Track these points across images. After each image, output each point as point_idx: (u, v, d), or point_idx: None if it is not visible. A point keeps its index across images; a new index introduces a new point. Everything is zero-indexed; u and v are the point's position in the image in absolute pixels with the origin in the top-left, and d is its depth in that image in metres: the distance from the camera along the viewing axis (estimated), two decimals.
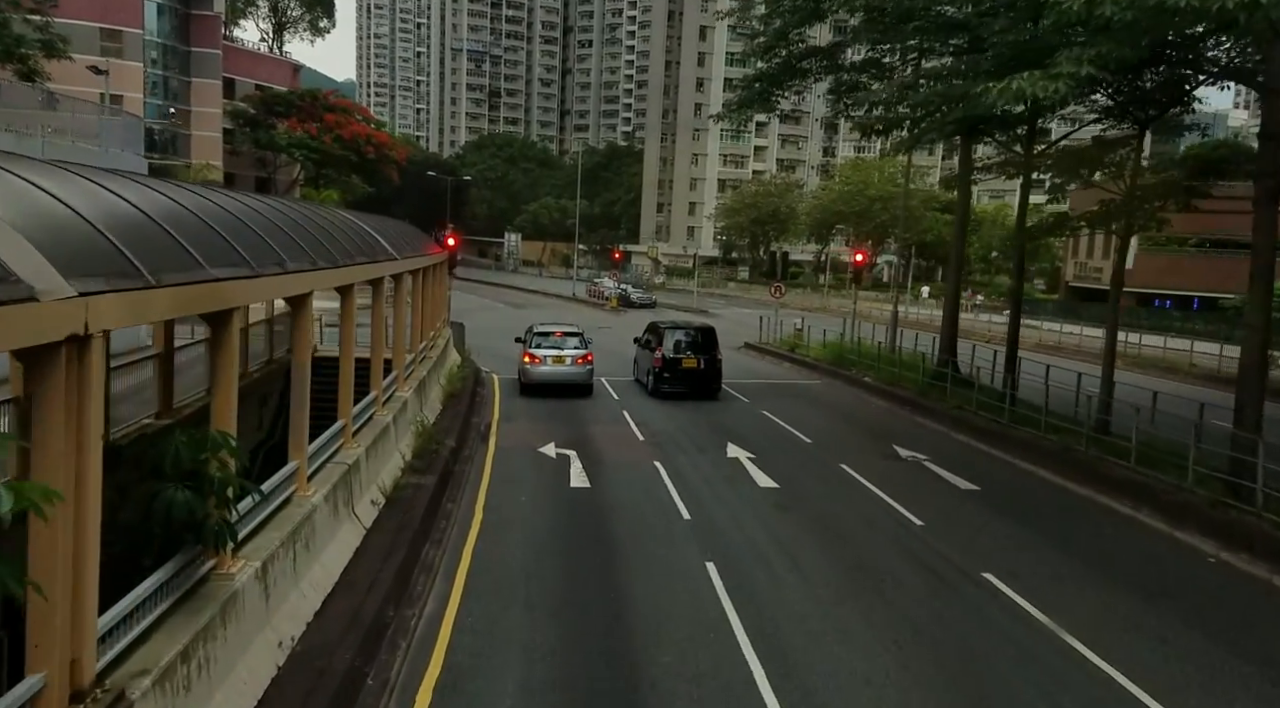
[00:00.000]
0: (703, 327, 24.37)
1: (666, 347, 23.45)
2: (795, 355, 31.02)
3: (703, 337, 23.86)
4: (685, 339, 23.80)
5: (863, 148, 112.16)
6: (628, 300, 60.40)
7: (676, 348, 23.54)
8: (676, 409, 21.93)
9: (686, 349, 23.51)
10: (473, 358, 28.46)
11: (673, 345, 23.54)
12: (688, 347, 23.60)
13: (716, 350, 23.61)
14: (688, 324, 25.00)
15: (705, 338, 23.81)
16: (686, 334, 23.94)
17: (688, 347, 23.60)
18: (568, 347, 23.45)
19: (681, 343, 23.67)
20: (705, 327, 24.35)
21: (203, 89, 60.45)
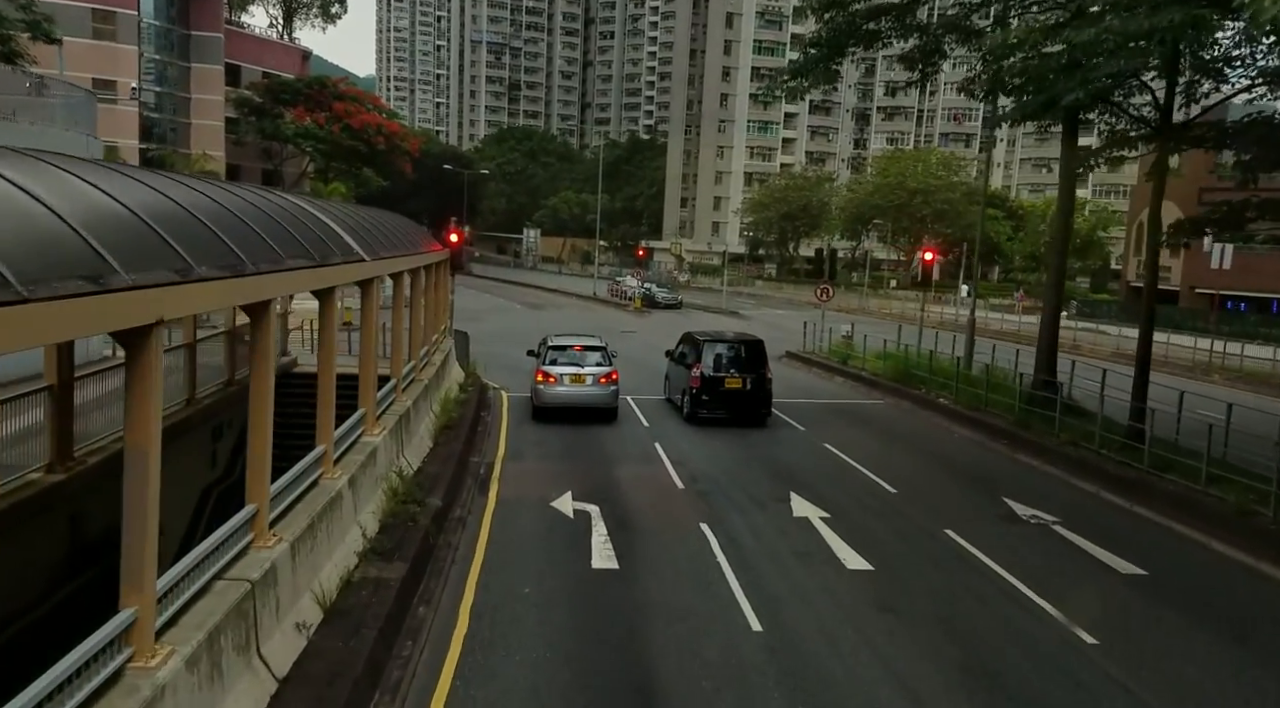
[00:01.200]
0: (748, 339, 20.52)
1: (705, 363, 19.65)
2: (849, 369, 27.12)
3: (748, 351, 20.04)
4: (728, 354, 19.99)
5: (896, 139, 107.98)
6: (652, 301, 56.60)
7: (717, 365, 19.73)
8: (719, 440, 18.15)
9: (729, 367, 19.71)
10: (480, 371, 24.78)
11: (713, 362, 19.73)
12: (730, 363, 19.79)
13: (765, 368, 19.79)
14: (730, 335, 21.14)
15: (751, 353, 19.98)
16: (729, 348, 20.13)
17: (730, 363, 19.79)
18: (588, 363, 19.71)
19: (723, 359, 19.86)
20: (751, 339, 20.50)
21: (203, 75, 57.19)
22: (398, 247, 15.12)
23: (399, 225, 18.29)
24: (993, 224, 70.80)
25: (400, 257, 14.39)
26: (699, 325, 45.92)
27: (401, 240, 15.83)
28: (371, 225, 14.28)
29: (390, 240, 14.60)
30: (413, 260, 15.65)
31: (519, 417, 19.94)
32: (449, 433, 16.21)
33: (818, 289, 30.97)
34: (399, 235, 16.17)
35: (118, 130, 50.48)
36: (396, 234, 15.80)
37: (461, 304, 57.98)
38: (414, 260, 15.78)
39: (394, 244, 14.61)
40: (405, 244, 16.11)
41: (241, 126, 61.75)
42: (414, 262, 15.78)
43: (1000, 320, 48.52)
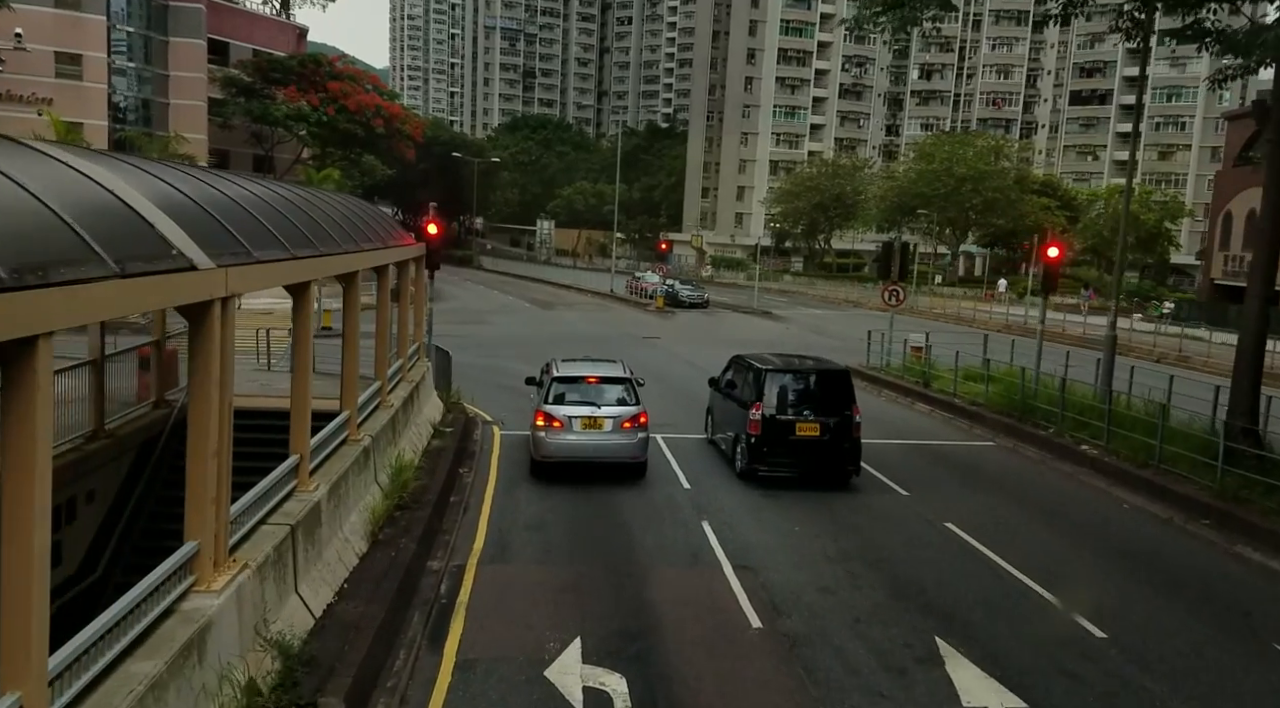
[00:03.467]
0: (827, 368, 14.99)
1: (769, 401, 14.19)
2: (933, 393, 21.57)
3: (827, 385, 14.58)
4: (799, 389, 14.53)
5: (930, 125, 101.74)
6: (675, 299, 51.07)
7: (785, 403, 14.28)
8: (795, 516, 12.73)
9: (802, 406, 14.25)
10: (466, 402, 19.48)
11: (779, 399, 14.28)
12: (803, 402, 14.34)
13: (851, 407, 14.30)
14: (799, 363, 15.59)
15: (832, 387, 14.52)
16: (801, 380, 14.66)
17: (803, 402, 14.34)
18: (607, 401, 14.31)
19: (793, 396, 14.41)
20: (831, 368, 14.98)
21: (183, 50, 52.02)
22: (333, 240, 9.80)
23: (348, 212, 12.94)
24: (1046, 215, 64.85)
25: (316, 256, 9.02)
26: (730, 331, 40.45)
27: (341, 232, 10.49)
28: (291, 210, 8.97)
29: (320, 232, 9.29)
30: (351, 259, 10.25)
31: (513, 473, 14.57)
32: (401, 517, 10.86)
33: (884, 289, 25.38)
34: (335, 224, 10.84)
35: (84, 109, 45.52)
36: (322, 223, 10.44)
37: (465, 302, 52.87)
38: (354, 258, 10.38)
39: (327, 237, 9.29)
40: (350, 236, 10.77)
41: (228, 108, 56.59)
42: (355, 261, 10.37)
43: (1074, 324, 42.71)
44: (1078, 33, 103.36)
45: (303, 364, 8.90)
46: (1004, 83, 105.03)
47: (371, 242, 12.44)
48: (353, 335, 10.93)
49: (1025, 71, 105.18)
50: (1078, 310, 47.32)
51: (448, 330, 35.71)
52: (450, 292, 57.39)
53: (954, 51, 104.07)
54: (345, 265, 10.34)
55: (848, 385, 14.46)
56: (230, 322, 6.71)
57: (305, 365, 8.90)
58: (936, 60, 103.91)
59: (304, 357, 8.93)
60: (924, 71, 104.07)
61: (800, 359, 16.00)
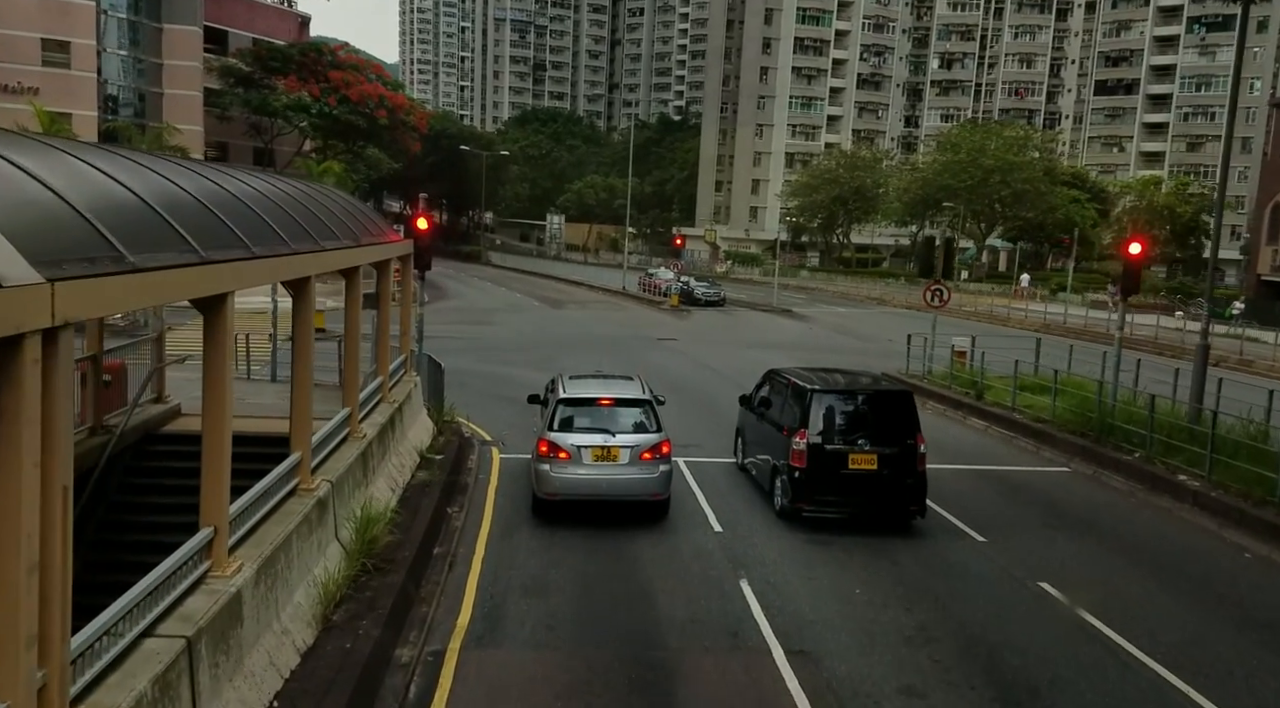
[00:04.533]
0: (885, 388, 12.67)
1: (816, 428, 11.89)
2: (988, 407, 19.17)
3: (886, 408, 12.27)
4: (851, 413, 12.22)
5: (951, 116, 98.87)
6: (691, 297, 48.72)
7: (836, 431, 11.98)
8: (854, 571, 10.45)
9: (857, 436, 11.93)
10: (462, 418, 17.28)
11: (828, 426, 11.98)
12: (857, 428, 12.03)
13: (915, 436, 11.99)
14: (850, 381, 13.26)
15: (891, 411, 12.21)
16: (852, 403, 12.34)
17: (857, 428, 12.03)
18: (623, 428, 12.04)
19: (845, 421, 12.10)
20: (891, 390, 12.65)
21: (177, 37, 49.92)
22: (270, 239, 7.58)
23: (309, 203, 10.71)
24: (1075, 207, 62.21)
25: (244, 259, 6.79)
26: (751, 331, 37.40)
27: (279, 225, 8.25)
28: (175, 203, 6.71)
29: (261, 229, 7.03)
30: (275, 267, 7.97)
31: (512, 511, 12.33)
32: (367, 584, 8.62)
33: (927, 289, 22.99)
34: (285, 217, 8.61)
35: (72, 98, 43.50)
36: (265, 215, 8.21)
37: (470, 300, 50.61)
38: (280, 266, 8.09)
39: (220, 237, 7.01)
40: (285, 232, 8.52)
41: (225, 98, 54.55)
42: (277, 270, 8.07)
43: (1098, 321, 40.18)
44: (1103, 20, 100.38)
45: (215, 398, 6.65)
46: (1027, 72, 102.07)
47: (337, 238, 10.19)
48: (305, 356, 8.69)
49: (1049, 60, 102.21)
50: (1104, 307, 44.76)
51: (449, 332, 33.48)
52: (455, 289, 55.21)
53: (975, 40, 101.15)
54: (289, 270, 8.09)
55: (910, 409, 12.13)
56: (62, 364, 4.45)
57: (220, 401, 6.65)
58: (957, 49, 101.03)
59: (218, 385, 6.67)
60: (944, 61, 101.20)
61: (848, 376, 13.67)
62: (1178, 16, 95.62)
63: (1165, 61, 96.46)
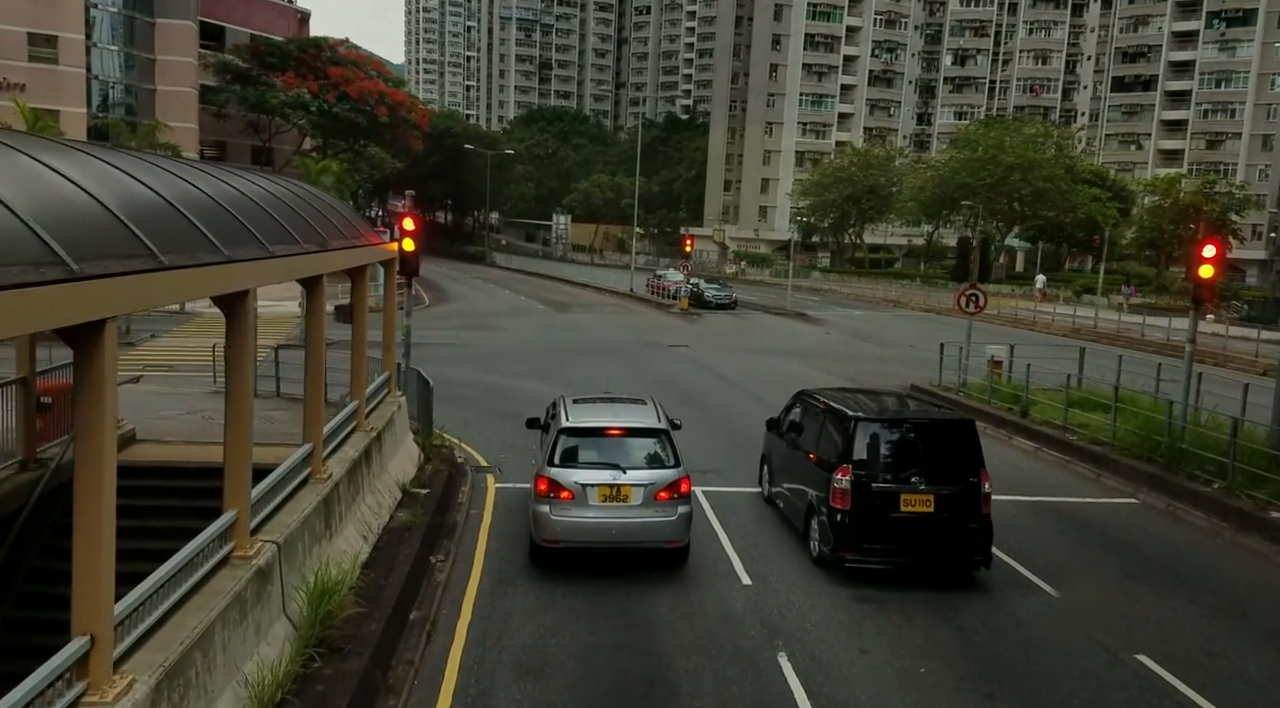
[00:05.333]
0: (943, 418, 10.84)
1: (860, 461, 10.15)
2: (1036, 425, 17.39)
3: (943, 441, 10.51)
4: (903, 446, 10.47)
5: (965, 113, 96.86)
6: (700, 299, 46.95)
7: (885, 466, 10.25)
8: (913, 641, 8.71)
9: (910, 472, 10.18)
10: (455, 440, 15.61)
11: (876, 460, 10.25)
12: (910, 463, 10.27)
13: (979, 473, 10.23)
14: (897, 406, 11.49)
15: (950, 444, 10.46)
16: (901, 432, 10.59)
17: (910, 463, 10.27)
18: (635, 462, 10.32)
19: (896, 455, 10.36)
20: (950, 419, 10.81)
21: (170, 32, 48.37)
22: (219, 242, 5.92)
23: (265, 201, 9.01)
24: (1096, 206, 60.25)
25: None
26: (765, 337, 34.96)
27: (211, 230, 6.57)
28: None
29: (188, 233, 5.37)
30: (195, 280, 6.23)
31: (507, 559, 10.62)
32: (320, 672, 6.91)
33: (960, 295, 21.21)
34: (224, 217, 6.92)
35: (60, 95, 41.97)
36: (194, 217, 6.50)
37: (472, 304, 48.83)
38: (203, 279, 6.35)
39: (123, 243, 5.33)
40: (218, 237, 6.81)
41: (222, 95, 53.01)
42: (195, 284, 6.33)
43: (1122, 324, 38.31)
44: (1120, 15, 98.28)
45: (89, 492, 4.94)
46: (1042, 69, 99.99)
47: (295, 243, 8.50)
48: (242, 390, 6.99)
49: (1064, 57, 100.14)
50: (1121, 308, 42.89)
51: (448, 338, 31.80)
52: (458, 291, 53.58)
53: (989, 36, 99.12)
54: (215, 284, 6.38)
55: (972, 441, 10.37)
56: None
57: (96, 491, 4.95)
58: (971, 45, 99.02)
59: (92, 439, 4.97)
60: (958, 57, 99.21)
61: (897, 400, 11.92)
62: (1196, 11, 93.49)
63: (1184, 57, 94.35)
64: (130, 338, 27.30)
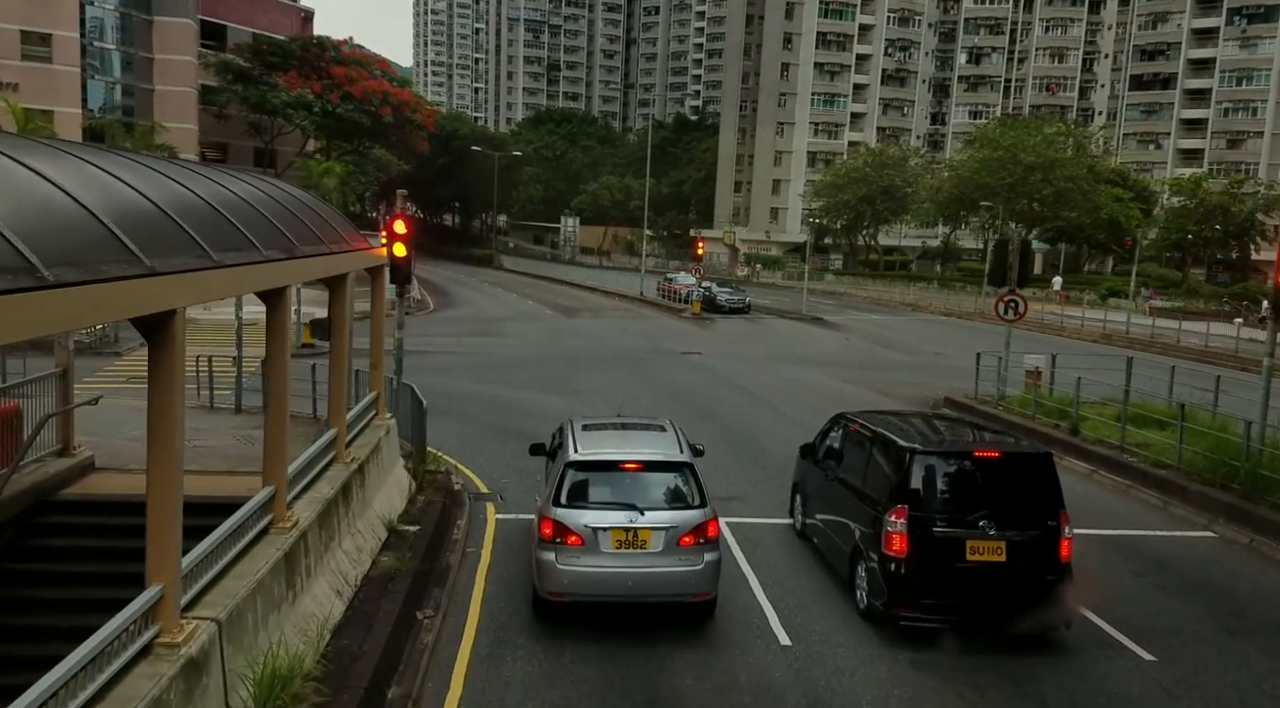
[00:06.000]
0: (1016, 451, 9.33)
1: (919, 501, 8.70)
2: (1088, 445, 15.87)
3: (1016, 477, 9.05)
4: (967, 482, 8.99)
5: (979, 113, 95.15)
6: (713, 303, 45.51)
7: (947, 506, 8.79)
8: None
9: (977, 514, 8.70)
10: (455, 452, 14.24)
11: (937, 499, 8.79)
12: (976, 504, 8.79)
13: (1058, 515, 8.76)
14: (956, 434, 10.02)
15: (1024, 480, 9.01)
16: (966, 466, 9.10)
17: (976, 504, 8.79)
18: (654, 500, 8.89)
19: (959, 493, 8.90)
20: (1023, 452, 9.28)
21: (168, 31, 47.19)
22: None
23: (228, 199, 7.64)
24: (1119, 207, 58.58)
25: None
26: (782, 343, 33.19)
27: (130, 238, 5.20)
28: None
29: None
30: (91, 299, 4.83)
31: (505, 612, 9.19)
32: None
33: (1000, 300, 19.75)
34: (158, 222, 5.54)
35: (54, 95, 40.82)
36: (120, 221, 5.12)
37: (478, 308, 47.41)
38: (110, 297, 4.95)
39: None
40: (138, 246, 5.43)
41: (223, 96, 51.84)
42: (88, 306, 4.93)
43: (1139, 327, 36.69)
44: (1138, 12, 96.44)
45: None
46: (1058, 67, 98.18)
47: (252, 250, 7.11)
48: (168, 430, 5.59)
49: (1081, 55, 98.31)
50: (1143, 311, 41.25)
51: (452, 344, 30.45)
52: (464, 295, 52.28)
53: (1004, 34, 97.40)
54: (125, 304, 4.98)
55: (1050, 477, 8.91)
56: None
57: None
58: (985, 43, 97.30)
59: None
60: (972, 56, 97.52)
61: (955, 426, 10.47)
62: (1217, 8, 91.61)
63: (1204, 55, 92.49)
64: (118, 347, 26.06)
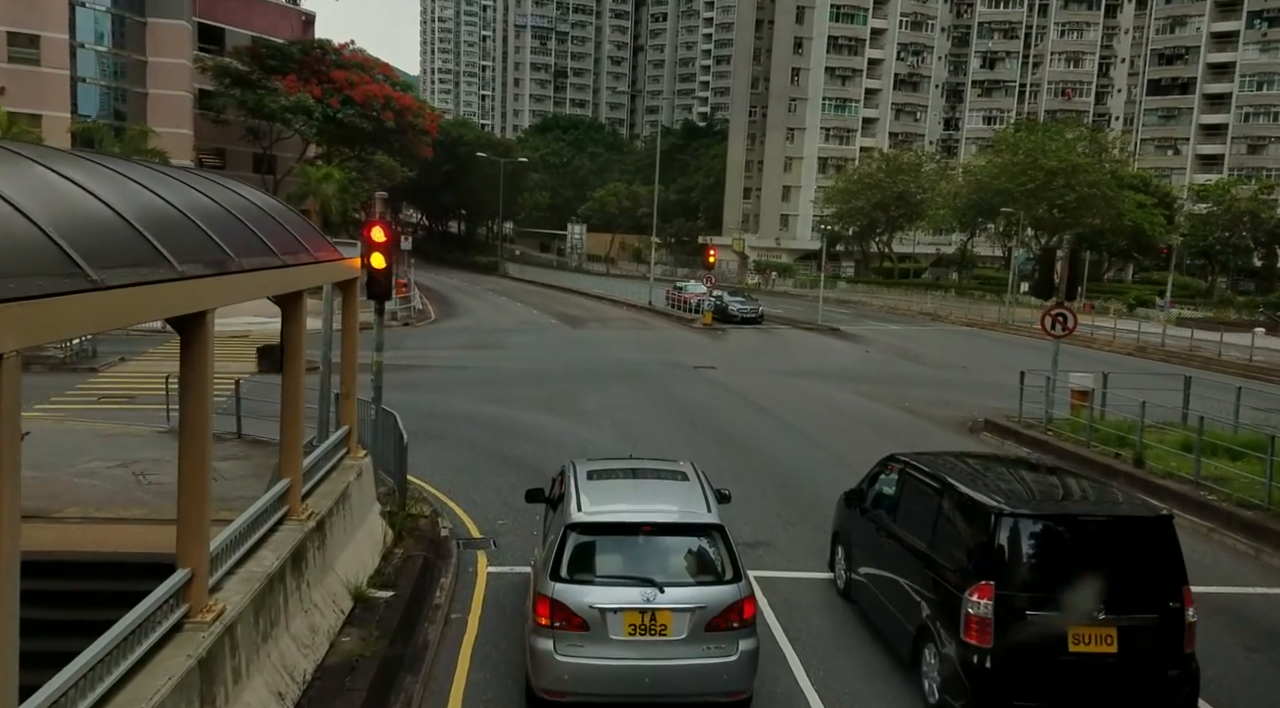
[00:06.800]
0: (1129, 513, 7.60)
1: (1009, 575, 6.96)
2: (1155, 478, 14.07)
3: (1127, 546, 7.29)
4: (1068, 552, 7.25)
5: (994, 118, 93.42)
6: (725, 313, 43.81)
7: (1044, 584, 7.05)
8: None
9: (1084, 594, 6.95)
10: (442, 484, 12.57)
11: (1030, 574, 7.07)
12: (1080, 580, 7.05)
13: (1181, 595, 7.01)
14: (1052, 493, 8.27)
15: (1138, 551, 7.26)
16: (1067, 533, 7.36)
17: (1080, 580, 7.05)
18: (675, 573, 7.19)
19: (1059, 565, 7.17)
20: (1138, 516, 7.54)
21: (163, 33, 45.83)
22: None
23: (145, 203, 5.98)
24: (1142, 212, 56.76)
25: None
26: (800, 357, 31.45)
27: None
28: None
29: None
30: None
31: (493, 705, 7.50)
32: None
33: (1046, 314, 18.03)
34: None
35: (42, 98, 39.43)
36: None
37: (481, 318, 45.66)
38: None
39: None
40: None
41: (220, 100, 50.45)
42: None
43: (1153, 335, 34.82)
44: (1156, 16, 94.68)
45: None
46: (1074, 71, 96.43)
47: (163, 266, 5.43)
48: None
49: (1097, 59, 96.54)
50: (1159, 321, 39.43)
51: (451, 358, 28.76)
52: (467, 305, 50.70)
53: (1019, 38, 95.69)
54: None
55: (1170, 547, 7.17)
56: None
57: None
58: (1000, 48, 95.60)
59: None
60: (986, 60, 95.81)
61: (1037, 474, 8.71)
62: (1237, 11, 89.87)
63: (1223, 59, 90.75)
64: (94, 362, 24.50)
